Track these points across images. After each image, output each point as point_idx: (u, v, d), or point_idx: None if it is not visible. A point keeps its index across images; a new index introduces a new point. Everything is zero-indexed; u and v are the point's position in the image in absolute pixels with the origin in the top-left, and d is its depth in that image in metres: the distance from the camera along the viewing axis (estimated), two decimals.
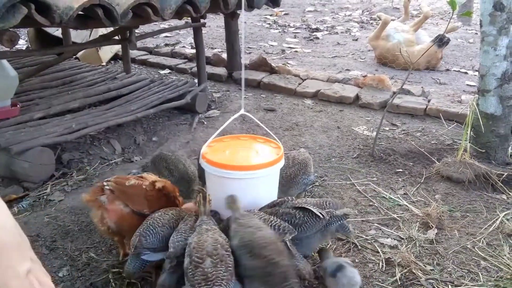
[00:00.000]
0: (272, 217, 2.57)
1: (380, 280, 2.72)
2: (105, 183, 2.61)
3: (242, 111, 3.01)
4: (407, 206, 3.50)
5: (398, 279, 2.71)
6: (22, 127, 4.11)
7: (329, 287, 2.52)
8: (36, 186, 3.74)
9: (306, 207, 2.57)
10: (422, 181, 3.89)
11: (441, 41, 6.81)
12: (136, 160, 4.34)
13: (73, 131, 4.14)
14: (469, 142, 3.95)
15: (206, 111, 5.48)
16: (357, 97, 5.81)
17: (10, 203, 3.50)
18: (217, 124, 5.09)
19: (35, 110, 4.46)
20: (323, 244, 2.93)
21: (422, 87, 5.88)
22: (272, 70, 6.67)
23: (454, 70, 7.27)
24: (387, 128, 5.04)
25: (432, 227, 3.20)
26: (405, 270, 2.77)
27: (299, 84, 6.25)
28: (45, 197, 3.61)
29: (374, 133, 4.89)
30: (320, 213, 2.54)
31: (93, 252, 2.93)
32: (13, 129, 4.04)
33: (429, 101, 5.56)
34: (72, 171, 4.00)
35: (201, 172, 3.15)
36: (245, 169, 2.72)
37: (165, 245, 2.46)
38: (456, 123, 5.04)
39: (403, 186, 3.82)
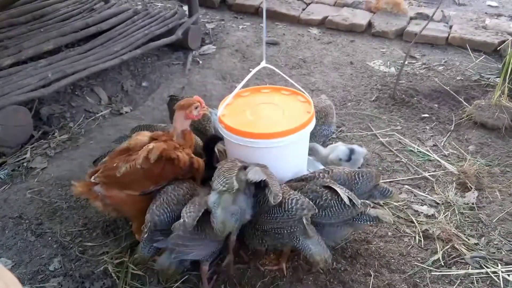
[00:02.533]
0: (293, 191, 2.16)
1: (419, 258, 2.39)
2: (92, 180, 2.14)
3: (263, 64, 2.47)
4: (439, 161, 3.09)
5: (440, 258, 2.37)
6: None
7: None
8: (14, 150, 3.25)
9: (337, 189, 2.14)
10: (452, 128, 3.46)
11: None
12: (126, 112, 3.81)
13: (49, 82, 3.55)
14: (508, 83, 3.44)
15: (200, 47, 4.83)
16: (370, 25, 5.15)
17: None
18: (214, 63, 4.48)
19: (4, 56, 3.80)
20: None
21: (442, 11, 5.21)
22: None
23: None
24: (405, 62, 4.48)
25: (471, 188, 2.83)
26: (447, 246, 2.43)
27: (303, 9, 5.53)
28: (25, 164, 3.13)
29: (392, 69, 4.38)
30: (352, 201, 2.11)
31: (87, 236, 2.53)
32: None
33: (450, 27, 4.94)
34: (53, 129, 3.48)
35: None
36: (271, 136, 2.25)
37: None
38: (483, 54, 4.50)
39: (431, 136, 3.39)
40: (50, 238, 2.51)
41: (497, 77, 4.09)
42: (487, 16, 5.30)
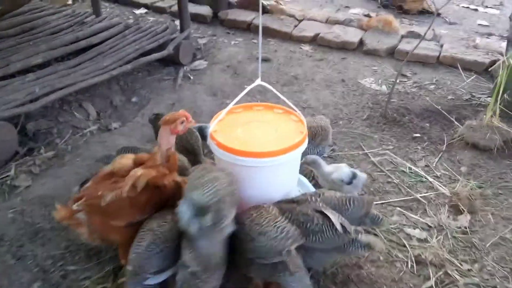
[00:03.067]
0: (280, 217, 2.09)
1: (411, 285, 2.33)
2: (75, 207, 2.06)
3: (258, 81, 2.42)
4: (432, 183, 3.06)
5: (433, 285, 2.31)
6: None
7: (347, 191, 2.64)
8: None
9: (329, 215, 2.08)
10: (444, 149, 3.43)
11: None
12: (114, 128, 3.73)
13: (36, 97, 3.48)
14: (499, 104, 3.44)
15: (191, 62, 4.79)
16: (361, 42, 5.17)
17: None
18: (205, 79, 4.45)
19: None
20: None
21: (433, 30, 5.24)
22: (263, 10, 5.89)
23: (462, 6, 6.59)
24: (397, 80, 4.47)
25: (463, 211, 2.79)
26: (440, 272, 2.38)
27: (295, 26, 5.53)
28: (8, 182, 3.03)
29: (383, 87, 4.38)
30: (344, 228, 2.05)
31: (69, 259, 2.43)
32: None
33: (441, 46, 4.96)
34: (39, 146, 3.39)
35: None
36: (263, 155, 2.20)
37: (171, 262, 2.01)
38: (474, 74, 4.51)
39: (423, 156, 3.36)
40: (30, 262, 2.41)
41: (488, 96, 4.10)
42: (478, 35, 5.35)
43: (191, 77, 4.50)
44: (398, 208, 2.85)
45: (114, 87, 4.20)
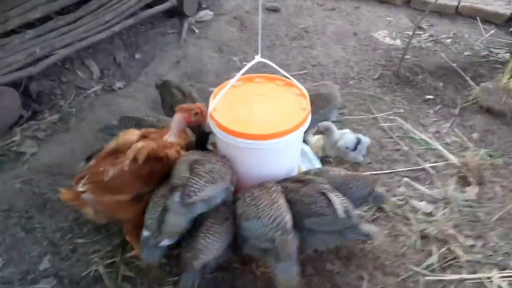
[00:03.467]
0: (280, 201, 2.06)
1: (414, 261, 2.35)
2: (80, 189, 2.05)
3: (258, 58, 2.30)
4: (441, 151, 2.99)
5: (435, 261, 2.33)
6: None
7: (350, 158, 2.82)
8: (2, 132, 3.14)
9: (332, 198, 2.06)
10: (456, 113, 3.32)
11: None
12: (119, 88, 3.66)
13: (37, 58, 3.38)
14: None
15: (196, 12, 4.58)
16: None
17: None
18: (210, 32, 4.27)
19: None
20: None
21: None
22: None
23: None
24: (411, 33, 4.25)
25: (472, 182, 2.75)
26: (443, 248, 2.39)
27: None
28: (14, 148, 3.04)
29: (397, 41, 4.18)
30: (346, 212, 2.04)
31: (77, 232, 2.48)
32: None
33: None
34: (43, 109, 3.36)
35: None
36: (266, 138, 2.14)
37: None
38: (494, 26, 4.26)
39: (434, 121, 3.26)
40: (39, 234, 2.46)
41: (506, 52, 3.91)
42: None
43: (196, 31, 4.33)
44: (406, 179, 2.82)
45: (117, 42, 4.06)
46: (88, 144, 3.00)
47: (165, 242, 2.05)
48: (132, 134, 2.24)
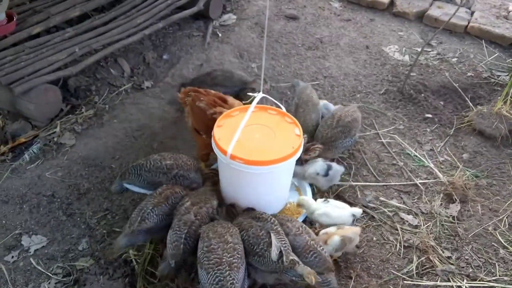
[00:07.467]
0: (232, 229, 2.38)
1: (396, 266, 2.74)
2: (186, 99, 3.06)
3: (261, 94, 2.67)
4: (432, 169, 3.34)
5: (414, 267, 2.71)
6: (21, 49, 3.72)
7: (323, 185, 3.01)
8: (45, 124, 3.56)
9: (272, 242, 2.27)
10: (451, 133, 3.65)
11: None
12: (147, 87, 4.04)
13: (77, 57, 3.76)
14: None
15: (220, 15, 4.91)
16: (392, 3, 5.13)
17: (20, 147, 3.39)
18: (233, 37, 4.60)
19: (34, 22, 3.97)
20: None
21: None
22: None
23: None
24: (420, 49, 4.54)
25: (456, 200, 3.10)
26: (423, 257, 2.77)
27: None
28: (55, 139, 3.45)
29: (406, 57, 4.48)
30: (279, 257, 2.25)
31: (110, 219, 2.91)
32: (12, 52, 3.67)
33: (472, 13, 4.91)
34: (80, 104, 3.76)
35: None
36: (268, 163, 2.49)
37: None
38: (499, 49, 4.53)
39: (430, 139, 3.60)
40: (78, 219, 2.90)
41: (507, 75, 4.19)
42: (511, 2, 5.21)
43: (220, 35, 4.66)
44: (397, 192, 3.18)
45: (146, 42, 4.42)
46: (120, 141, 3.41)
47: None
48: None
